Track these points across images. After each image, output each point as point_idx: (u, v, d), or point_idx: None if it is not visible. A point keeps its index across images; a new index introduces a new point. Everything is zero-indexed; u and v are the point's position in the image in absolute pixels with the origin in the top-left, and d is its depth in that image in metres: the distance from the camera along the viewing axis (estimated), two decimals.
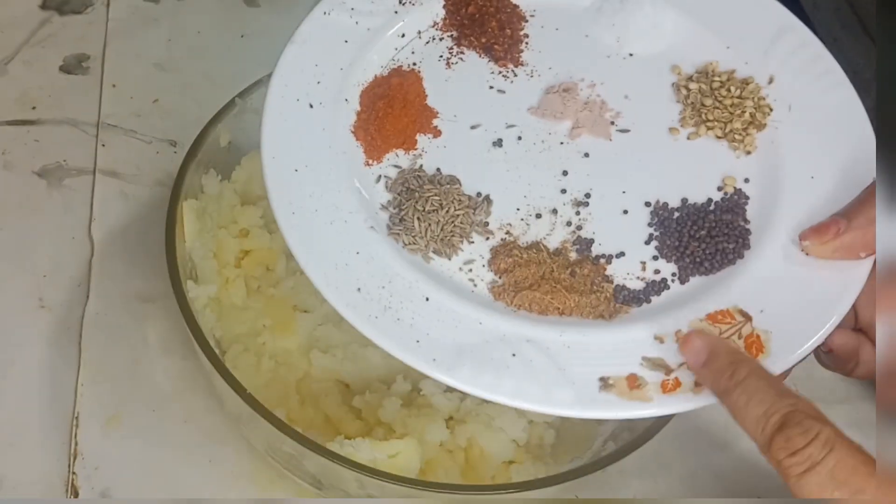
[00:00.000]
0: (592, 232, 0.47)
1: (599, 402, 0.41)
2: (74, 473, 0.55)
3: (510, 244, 0.46)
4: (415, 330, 0.42)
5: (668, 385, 0.42)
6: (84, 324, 0.61)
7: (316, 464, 0.49)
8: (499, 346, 0.42)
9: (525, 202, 0.48)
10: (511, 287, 0.45)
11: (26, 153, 0.70)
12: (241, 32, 0.81)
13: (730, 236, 0.46)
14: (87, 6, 0.81)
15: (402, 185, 0.47)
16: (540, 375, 0.42)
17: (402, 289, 0.44)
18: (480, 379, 0.41)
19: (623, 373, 0.42)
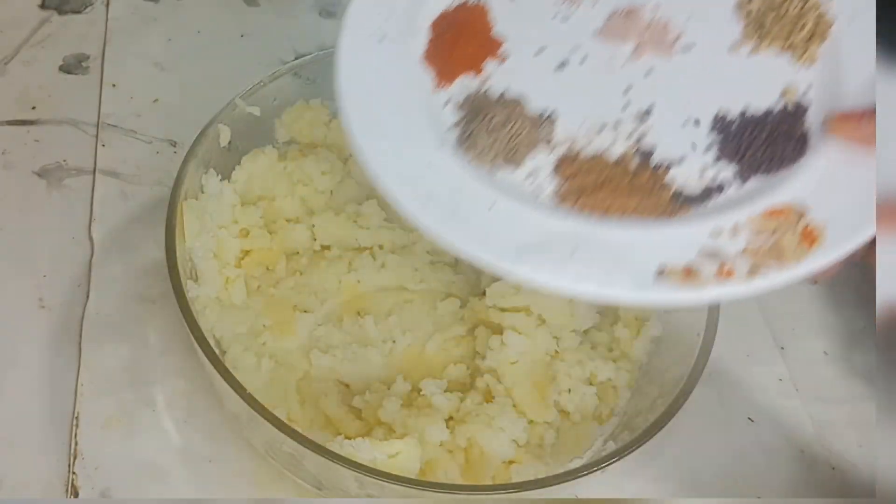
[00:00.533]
0: (654, 141, 0.48)
1: (656, 289, 0.43)
2: (74, 473, 0.55)
3: (573, 156, 0.48)
4: (481, 231, 0.45)
5: (722, 273, 0.43)
6: (84, 324, 0.61)
7: (316, 464, 0.49)
8: (561, 243, 0.44)
9: (588, 118, 0.49)
10: (574, 192, 0.46)
11: (26, 153, 0.70)
12: (241, 32, 0.81)
13: (788, 141, 0.47)
14: (86, 6, 0.81)
15: (468, 106, 0.49)
16: (599, 266, 0.44)
17: (470, 197, 0.46)
18: (542, 270, 0.43)
19: (680, 263, 0.43)
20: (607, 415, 0.57)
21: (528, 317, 0.58)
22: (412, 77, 0.50)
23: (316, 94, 0.65)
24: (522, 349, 0.57)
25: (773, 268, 0.44)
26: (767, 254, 0.44)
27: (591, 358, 0.58)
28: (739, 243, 0.45)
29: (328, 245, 0.63)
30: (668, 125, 0.49)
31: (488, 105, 0.49)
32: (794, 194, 0.46)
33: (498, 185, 0.47)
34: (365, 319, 0.59)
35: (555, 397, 0.56)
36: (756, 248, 0.45)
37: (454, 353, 0.59)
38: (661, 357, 0.58)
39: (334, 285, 0.61)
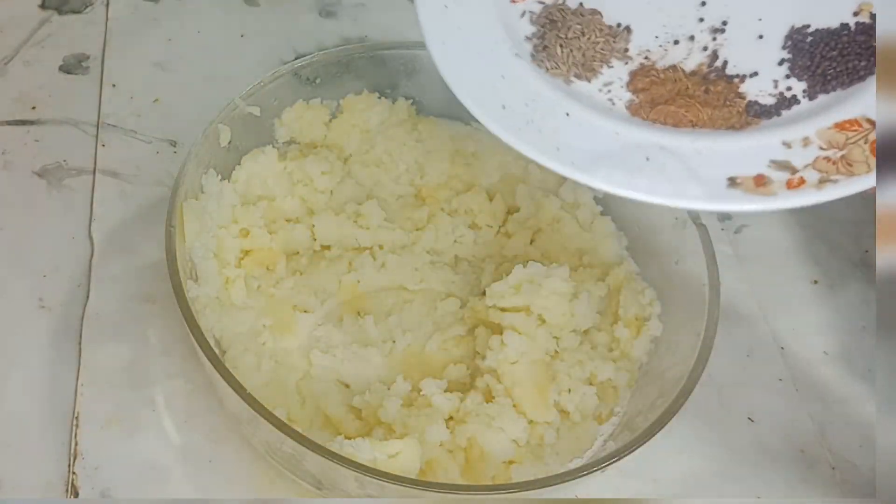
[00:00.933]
0: (727, 55, 0.49)
1: (727, 197, 0.44)
2: (74, 473, 0.55)
3: (648, 67, 0.49)
4: (556, 139, 0.46)
5: (792, 182, 0.44)
6: (84, 324, 0.61)
7: (316, 464, 0.49)
8: (634, 152, 0.46)
9: (663, 30, 0.50)
10: (647, 103, 0.47)
11: (26, 153, 0.70)
12: (241, 32, 0.81)
13: (861, 55, 0.48)
14: (86, 6, 0.81)
15: (545, 17, 0.50)
16: (672, 175, 0.45)
17: (545, 106, 0.47)
18: (615, 178, 0.45)
19: (751, 172, 0.44)
20: (607, 415, 0.57)
21: (528, 317, 0.58)
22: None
23: (316, 94, 0.65)
24: (522, 349, 0.57)
25: (844, 176, 0.44)
26: (838, 164, 0.45)
27: (591, 358, 0.58)
28: (810, 155, 0.45)
29: (328, 245, 0.63)
30: (743, 39, 0.50)
31: (565, 16, 0.50)
32: (863, 108, 0.46)
33: (573, 95, 0.48)
34: (365, 319, 0.59)
35: (555, 397, 0.56)
36: (826, 158, 0.45)
37: (454, 354, 0.59)
38: (661, 357, 0.58)
39: (334, 285, 0.61)
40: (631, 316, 0.59)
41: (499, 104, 0.46)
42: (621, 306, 0.60)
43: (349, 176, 0.65)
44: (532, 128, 0.46)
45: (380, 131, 0.66)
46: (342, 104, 0.66)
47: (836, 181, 0.44)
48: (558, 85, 0.48)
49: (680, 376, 0.53)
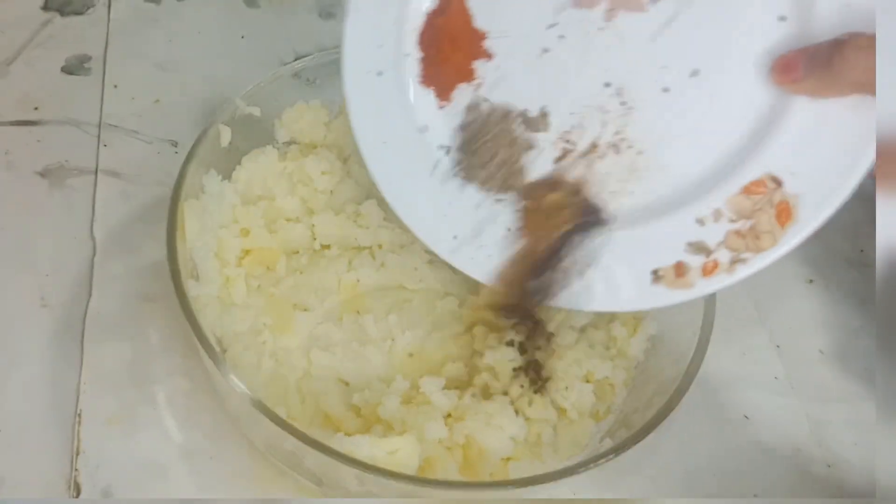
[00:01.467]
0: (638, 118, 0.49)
1: (654, 294, 0.47)
2: (76, 471, 0.55)
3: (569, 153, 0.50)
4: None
5: (707, 268, 0.46)
6: (86, 323, 0.61)
7: (316, 461, 0.49)
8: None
9: (576, 105, 0.50)
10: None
11: (29, 153, 0.70)
12: (241, 33, 0.81)
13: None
14: (88, 7, 0.81)
15: (462, 134, 0.52)
16: (606, 281, 0.49)
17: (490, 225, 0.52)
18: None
19: (670, 261, 0.46)
20: (604, 412, 0.57)
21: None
22: (418, 104, 0.52)
23: (316, 94, 0.65)
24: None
25: (752, 253, 0.45)
26: (747, 238, 0.45)
27: (588, 356, 0.58)
28: (721, 230, 0.46)
29: (328, 244, 0.63)
30: (649, 96, 0.49)
31: (475, 136, 0.52)
32: (769, 163, 0.46)
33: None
34: (364, 318, 0.60)
35: (552, 395, 0.57)
36: (736, 232, 0.45)
37: (453, 352, 0.59)
38: (658, 355, 0.58)
39: (334, 284, 0.61)
40: (628, 315, 0.60)
41: (451, 235, 0.53)
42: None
43: (349, 176, 0.66)
44: (479, 250, 0.52)
45: None
46: (342, 104, 0.66)
47: (745, 260, 0.46)
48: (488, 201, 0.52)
49: (676, 374, 0.53)
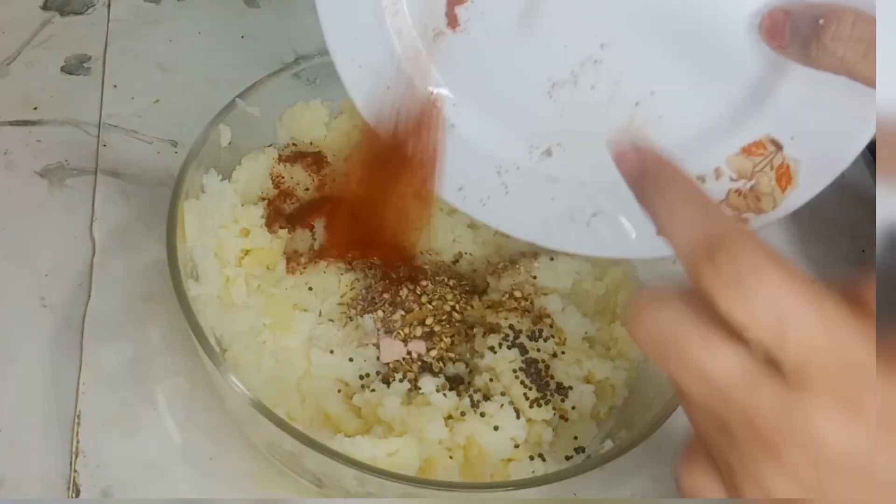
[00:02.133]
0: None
1: (659, 245, 0.44)
2: (76, 472, 0.55)
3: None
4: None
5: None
6: (86, 323, 0.61)
7: (316, 462, 0.49)
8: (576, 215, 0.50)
9: (570, 57, 0.48)
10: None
11: (28, 153, 0.70)
12: (241, 33, 0.81)
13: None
14: (88, 7, 0.81)
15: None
16: (613, 230, 0.49)
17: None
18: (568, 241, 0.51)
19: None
20: (605, 413, 0.57)
21: (524, 316, 0.58)
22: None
23: (316, 94, 0.65)
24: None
25: (753, 214, 0.45)
26: (748, 199, 0.45)
27: (588, 357, 0.58)
28: (723, 188, 0.45)
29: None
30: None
31: None
32: (768, 126, 0.45)
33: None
34: (364, 318, 0.60)
35: (552, 396, 0.56)
36: (738, 191, 0.45)
37: (453, 352, 0.59)
38: None
39: (334, 284, 0.61)
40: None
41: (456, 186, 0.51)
42: (619, 305, 0.60)
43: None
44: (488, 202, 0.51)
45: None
46: (342, 104, 0.66)
47: (746, 220, 0.45)
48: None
49: None
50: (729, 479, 0.32)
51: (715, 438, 0.32)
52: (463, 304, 0.60)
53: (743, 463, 0.32)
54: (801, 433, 0.30)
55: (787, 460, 0.31)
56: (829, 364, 0.30)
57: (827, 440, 0.30)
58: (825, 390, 0.30)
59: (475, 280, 0.63)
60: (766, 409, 0.31)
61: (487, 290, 0.62)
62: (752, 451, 0.31)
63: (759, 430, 0.31)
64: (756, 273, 0.30)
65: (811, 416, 0.30)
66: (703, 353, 0.31)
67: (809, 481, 0.31)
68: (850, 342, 0.30)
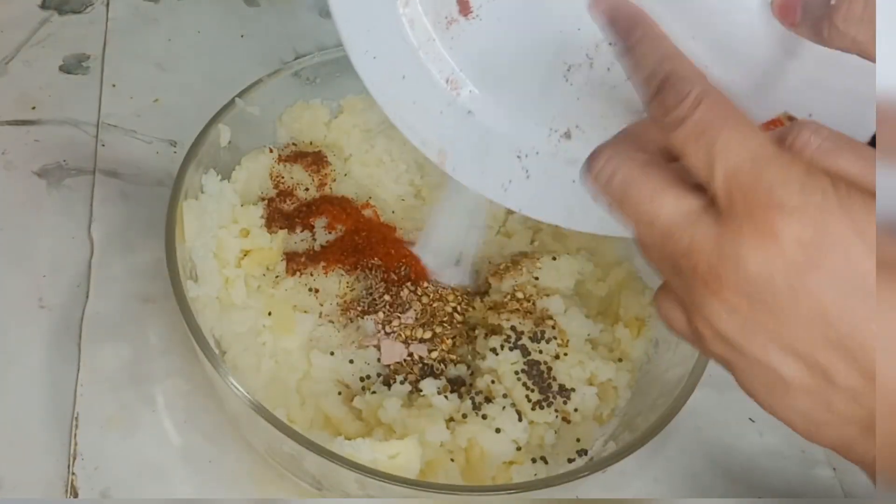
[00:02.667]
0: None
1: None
2: (74, 474, 0.55)
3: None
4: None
5: None
6: (84, 324, 0.61)
7: (316, 464, 0.49)
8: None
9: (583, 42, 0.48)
10: None
11: (26, 153, 0.70)
12: (241, 32, 0.81)
13: None
14: (86, 6, 0.81)
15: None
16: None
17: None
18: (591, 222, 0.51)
19: None
20: (608, 415, 0.57)
21: (527, 318, 0.58)
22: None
23: (316, 93, 0.65)
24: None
25: None
26: None
27: (591, 358, 0.58)
28: None
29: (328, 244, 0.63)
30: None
31: None
32: (786, 102, 0.45)
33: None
34: (365, 319, 0.59)
35: (555, 398, 0.56)
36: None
37: (454, 354, 0.59)
38: (662, 357, 0.58)
39: (334, 285, 0.61)
40: (631, 316, 0.59)
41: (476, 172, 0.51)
42: (622, 307, 0.60)
43: (349, 176, 0.65)
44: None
45: (380, 131, 0.66)
46: (342, 104, 0.66)
47: None
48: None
49: (680, 377, 0.53)
50: (687, 315, 0.35)
51: (671, 279, 0.35)
52: (464, 306, 0.60)
53: (692, 300, 0.34)
54: (732, 266, 0.32)
55: (726, 295, 0.33)
56: (751, 195, 0.32)
57: (751, 270, 0.32)
58: (747, 220, 0.32)
59: (477, 281, 0.63)
60: (704, 246, 0.33)
61: (489, 291, 0.61)
62: (697, 288, 0.33)
63: (699, 268, 0.33)
64: (703, 113, 0.33)
65: (737, 247, 0.32)
66: (653, 201, 0.34)
67: (745, 314, 0.32)
68: (771, 174, 0.32)
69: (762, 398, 0.36)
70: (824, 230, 0.31)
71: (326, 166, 0.65)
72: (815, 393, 0.33)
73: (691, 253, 0.33)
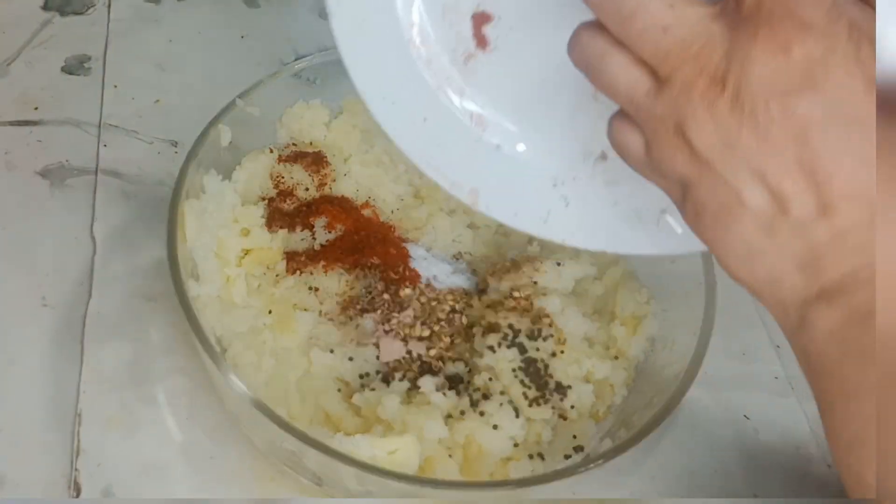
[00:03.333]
0: None
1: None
2: (77, 471, 0.55)
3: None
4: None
5: None
6: (86, 322, 0.61)
7: (316, 461, 0.49)
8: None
9: None
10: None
11: (29, 153, 0.70)
12: (241, 32, 0.81)
13: None
14: (88, 7, 0.81)
15: None
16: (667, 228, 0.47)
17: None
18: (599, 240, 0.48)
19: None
20: (604, 412, 0.57)
21: (524, 316, 0.58)
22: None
23: (316, 94, 0.65)
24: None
25: None
26: None
27: (588, 356, 0.58)
28: None
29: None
30: None
31: None
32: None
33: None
34: (364, 318, 0.60)
35: (551, 395, 0.57)
36: None
37: (453, 352, 0.60)
38: (658, 355, 0.58)
39: (334, 284, 0.61)
40: (628, 314, 0.60)
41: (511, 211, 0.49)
42: (618, 305, 0.60)
43: (349, 176, 0.66)
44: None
45: (380, 131, 0.66)
46: (342, 105, 0.66)
47: None
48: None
49: (676, 374, 0.53)
50: (648, 138, 0.36)
51: (653, 104, 0.35)
52: (462, 304, 0.60)
53: (679, 113, 0.34)
54: (739, 69, 0.33)
55: (721, 105, 0.33)
56: (779, 2, 0.32)
57: (756, 76, 0.33)
58: (766, 26, 0.32)
59: (475, 280, 0.63)
60: (716, 47, 0.33)
61: (487, 289, 0.62)
62: (694, 98, 0.34)
63: (705, 71, 0.33)
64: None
65: (749, 50, 0.32)
66: (672, 6, 0.34)
67: (731, 128, 0.33)
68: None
69: (711, 224, 0.35)
70: (833, 54, 0.32)
71: (326, 166, 0.65)
72: (765, 220, 0.34)
73: (700, 56, 0.33)
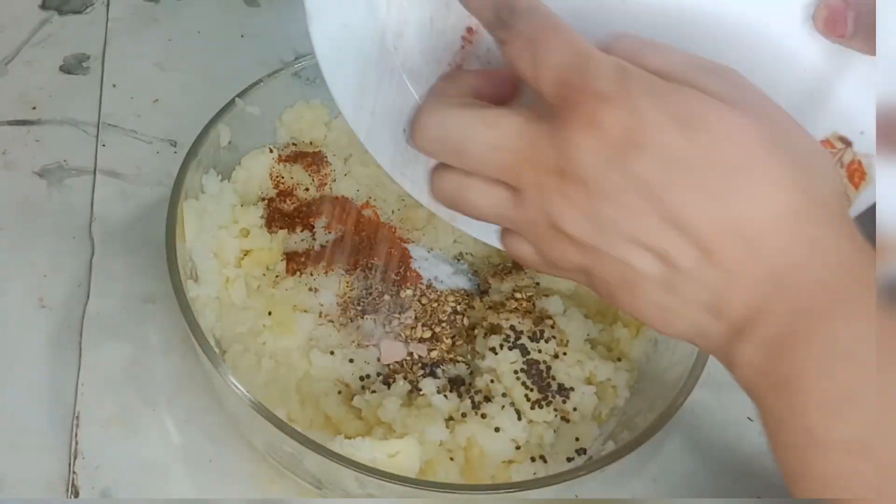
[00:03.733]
0: None
1: None
2: (75, 473, 0.55)
3: None
4: None
5: None
6: (84, 323, 0.61)
7: (316, 463, 0.49)
8: None
9: None
10: None
11: (27, 153, 0.70)
12: (241, 32, 0.81)
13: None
14: (87, 6, 0.81)
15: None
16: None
17: None
18: None
19: None
20: (607, 414, 0.57)
21: (526, 317, 0.58)
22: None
23: (316, 93, 0.65)
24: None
25: None
26: None
27: (590, 358, 0.58)
28: None
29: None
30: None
31: None
32: (835, 122, 0.43)
33: None
34: (364, 319, 0.59)
35: (554, 397, 0.56)
36: None
37: (454, 353, 0.59)
38: (661, 357, 0.58)
39: (334, 285, 0.61)
40: (630, 316, 0.60)
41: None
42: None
43: (349, 176, 0.66)
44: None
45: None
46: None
47: None
48: None
49: (679, 376, 0.53)
50: (535, 242, 0.37)
51: (517, 212, 0.37)
52: (464, 306, 0.60)
53: (542, 210, 0.36)
54: (566, 157, 0.34)
55: (567, 189, 0.34)
56: (574, 89, 0.34)
57: (581, 158, 0.34)
58: (573, 112, 0.34)
59: (476, 281, 0.63)
60: (543, 146, 0.35)
61: (489, 290, 0.61)
62: (544, 193, 0.35)
63: (542, 169, 0.35)
64: (525, 26, 0.35)
65: (568, 138, 0.34)
66: (492, 126, 0.36)
67: (586, 207, 0.34)
68: (590, 67, 0.34)
69: (622, 298, 0.36)
70: (640, 115, 0.33)
71: (326, 166, 0.65)
72: (663, 280, 0.35)
73: (535, 157, 0.35)
